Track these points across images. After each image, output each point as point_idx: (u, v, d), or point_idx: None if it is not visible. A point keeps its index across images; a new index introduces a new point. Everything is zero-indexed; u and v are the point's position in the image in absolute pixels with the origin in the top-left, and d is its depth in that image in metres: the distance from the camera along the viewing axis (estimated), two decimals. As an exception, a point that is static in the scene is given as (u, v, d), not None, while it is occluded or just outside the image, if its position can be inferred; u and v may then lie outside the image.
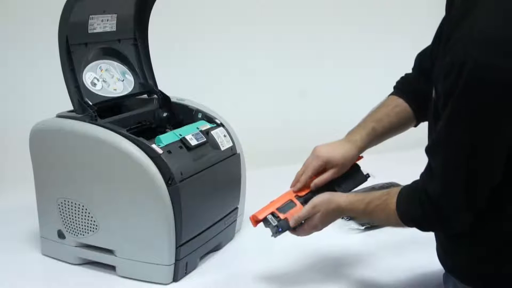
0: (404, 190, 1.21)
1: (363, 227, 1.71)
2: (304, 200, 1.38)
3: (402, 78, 1.46)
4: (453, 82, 1.02)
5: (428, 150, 1.15)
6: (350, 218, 1.73)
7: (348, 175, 1.43)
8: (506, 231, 1.12)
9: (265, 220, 1.37)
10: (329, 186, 1.40)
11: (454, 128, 1.06)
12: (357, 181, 1.45)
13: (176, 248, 1.42)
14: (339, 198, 1.33)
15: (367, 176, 1.46)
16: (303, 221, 1.34)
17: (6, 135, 2.32)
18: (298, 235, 1.37)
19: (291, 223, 1.34)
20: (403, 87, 1.44)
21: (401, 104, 1.42)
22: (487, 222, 1.12)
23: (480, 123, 1.03)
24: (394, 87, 1.46)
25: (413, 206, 1.17)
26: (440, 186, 1.11)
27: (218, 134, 1.59)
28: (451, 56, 1.04)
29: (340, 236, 1.68)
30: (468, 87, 1.01)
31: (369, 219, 1.60)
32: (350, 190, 1.42)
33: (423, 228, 1.20)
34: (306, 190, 1.41)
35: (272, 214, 1.36)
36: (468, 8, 1.05)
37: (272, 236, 1.36)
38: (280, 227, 1.35)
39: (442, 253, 1.26)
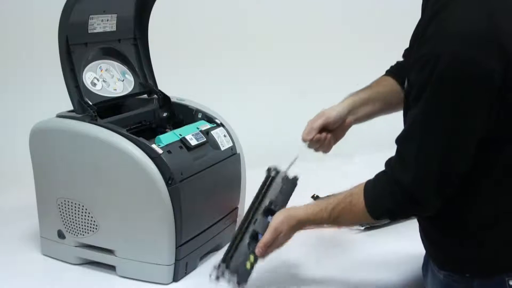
0: (370, 186, 1.22)
1: (362, 228, 1.71)
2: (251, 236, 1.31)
3: (393, 65, 1.51)
4: (428, 73, 1.06)
5: (400, 140, 1.17)
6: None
7: (281, 189, 1.39)
8: (485, 216, 1.14)
9: (220, 279, 1.25)
10: (268, 209, 1.35)
11: (429, 117, 1.10)
12: (288, 188, 1.40)
13: (176, 248, 1.42)
14: (298, 213, 1.30)
15: (296, 178, 1.42)
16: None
17: (6, 135, 2.32)
18: (266, 256, 1.32)
19: (258, 252, 1.28)
20: (393, 70, 1.49)
21: (389, 80, 1.46)
22: (467, 211, 1.15)
23: (455, 112, 1.07)
24: (386, 71, 1.50)
25: (384, 198, 1.18)
26: (414, 174, 1.12)
27: (218, 134, 1.59)
28: (425, 50, 1.09)
29: (339, 236, 1.68)
30: (444, 77, 1.05)
31: (334, 225, 1.48)
32: (287, 200, 1.39)
33: (396, 216, 1.27)
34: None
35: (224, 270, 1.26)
36: (438, 10, 1.09)
37: None
38: (242, 282, 1.25)
39: (425, 240, 1.28)
